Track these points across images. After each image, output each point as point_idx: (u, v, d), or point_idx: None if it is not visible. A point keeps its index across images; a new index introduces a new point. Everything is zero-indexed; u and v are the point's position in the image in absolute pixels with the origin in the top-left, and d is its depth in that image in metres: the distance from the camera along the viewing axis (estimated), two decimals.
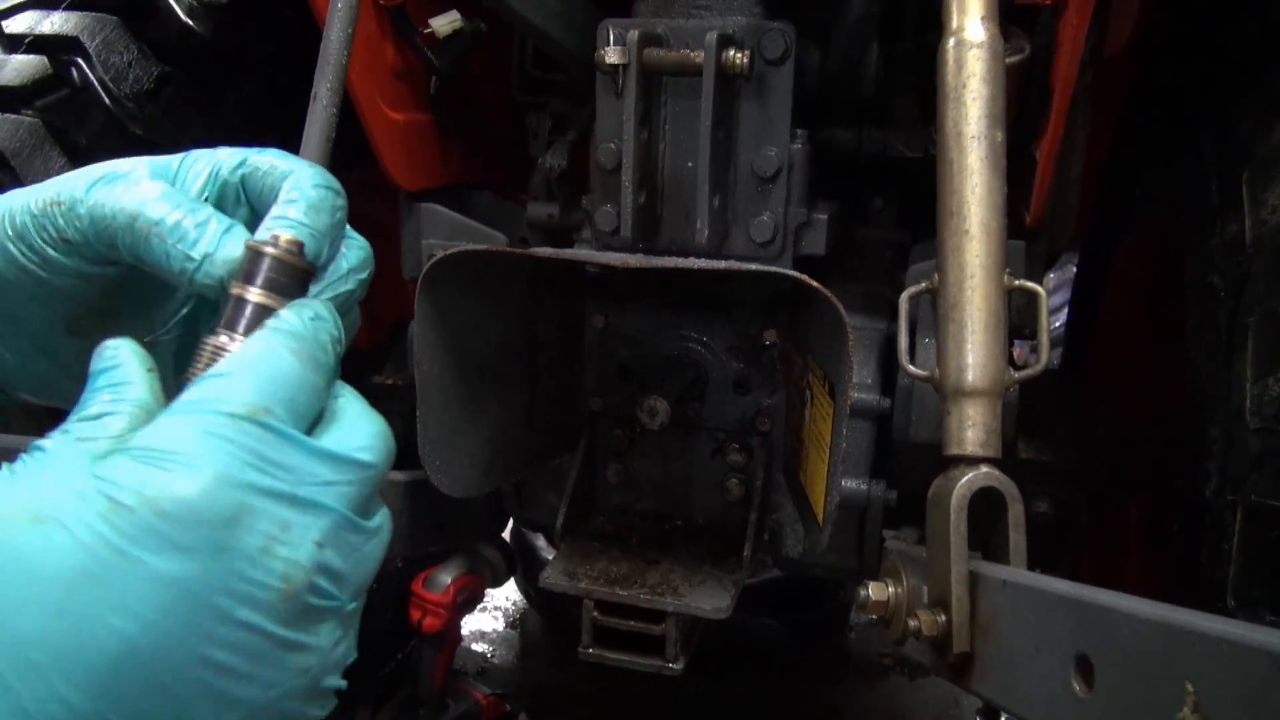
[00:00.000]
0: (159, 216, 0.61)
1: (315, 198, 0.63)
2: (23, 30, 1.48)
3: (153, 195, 0.62)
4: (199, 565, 0.48)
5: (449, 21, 1.56)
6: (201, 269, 0.60)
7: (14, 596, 0.45)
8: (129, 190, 0.62)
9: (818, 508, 1.28)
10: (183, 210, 0.61)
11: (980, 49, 1.04)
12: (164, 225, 0.61)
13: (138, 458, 0.49)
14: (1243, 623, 0.61)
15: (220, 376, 0.53)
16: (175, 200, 0.62)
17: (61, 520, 0.47)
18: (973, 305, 1.02)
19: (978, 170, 1.03)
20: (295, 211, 0.62)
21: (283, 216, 0.62)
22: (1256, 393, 1.10)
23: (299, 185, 0.64)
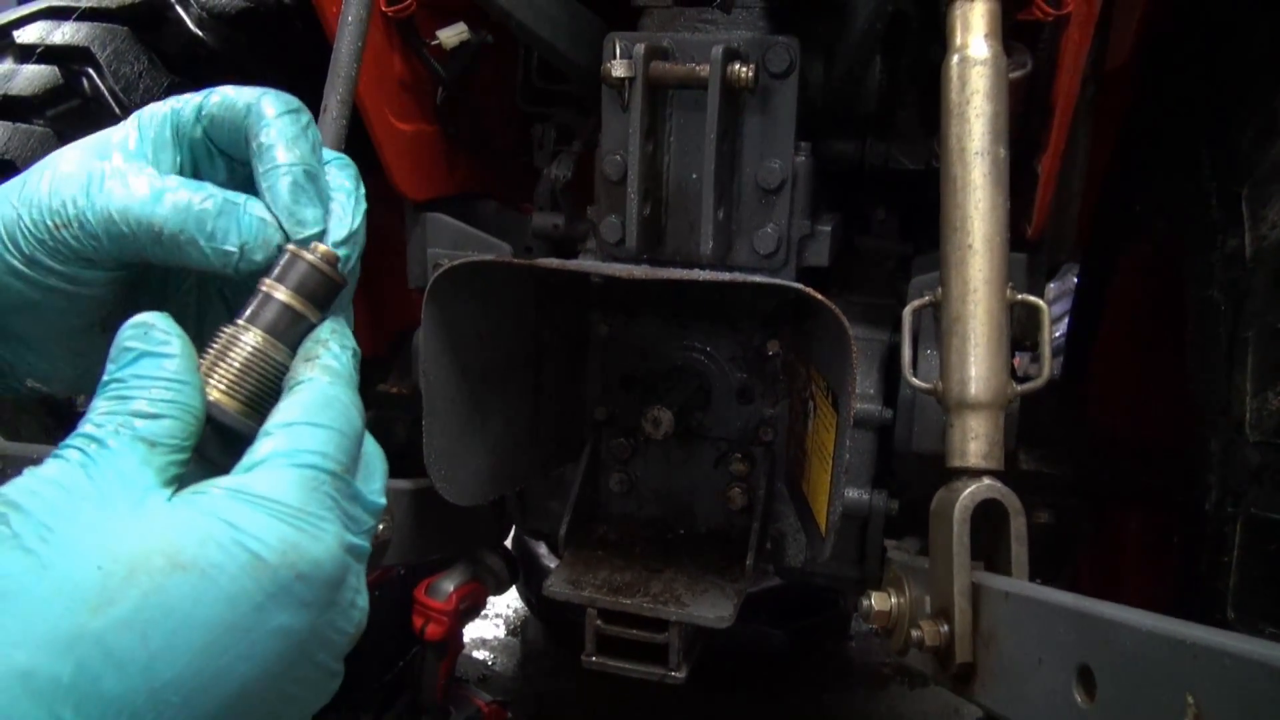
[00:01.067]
0: (181, 225, 0.61)
1: (290, 135, 0.63)
2: (34, 40, 1.49)
3: (160, 202, 0.61)
4: (313, 618, 0.51)
5: (456, 33, 1.58)
6: (244, 259, 0.62)
7: (163, 644, 0.47)
8: (132, 199, 0.61)
9: (820, 517, 1.28)
10: (201, 206, 0.61)
11: (984, 66, 1.05)
12: (191, 231, 0.61)
13: (268, 511, 0.51)
14: (1244, 635, 0.62)
15: (309, 427, 0.55)
16: (185, 199, 0.61)
17: (205, 571, 0.48)
18: (975, 319, 1.03)
19: (981, 186, 1.04)
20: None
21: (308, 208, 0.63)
22: (1256, 406, 1.11)
23: (267, 132, 0.63)
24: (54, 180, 0.63)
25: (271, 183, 0.62)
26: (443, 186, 1.72)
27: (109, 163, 0.63)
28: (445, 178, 1.73)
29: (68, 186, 0.62)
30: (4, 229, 0.63)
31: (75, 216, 0.61)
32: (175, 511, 0.49)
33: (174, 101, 0.66)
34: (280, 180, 0.62)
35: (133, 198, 0.61)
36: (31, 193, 0.63)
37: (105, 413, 0.52)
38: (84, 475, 0.49)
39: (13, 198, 0.64)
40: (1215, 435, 1.20)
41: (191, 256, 0.62)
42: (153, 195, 0.61)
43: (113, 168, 0.62)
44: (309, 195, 0.63)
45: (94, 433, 0.51)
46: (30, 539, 0.46)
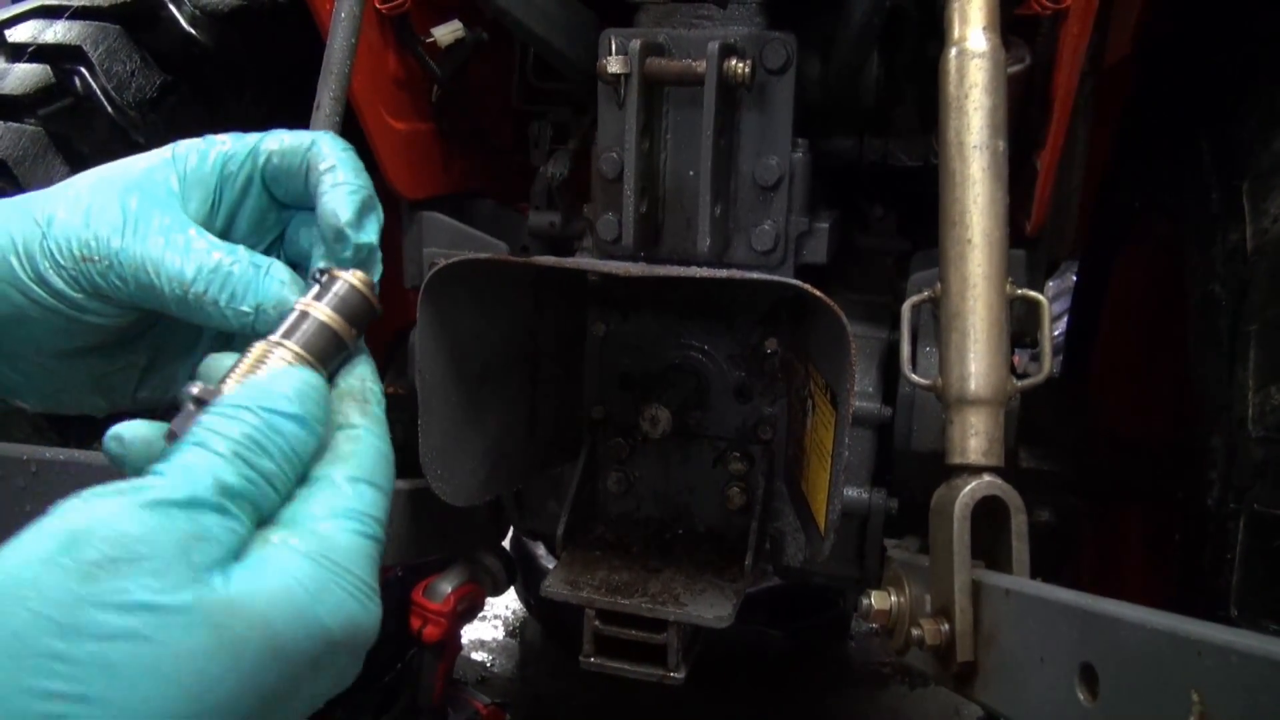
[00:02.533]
0: (207, 287, 0.62)
1: (355, 165, 0.66)
2: (26, 39, 1.48)
3: (192, 258, 0.62)
4: (341, 677, 0.54)
5: (451, 30, 1.57)
6: (258, 320, 0.63)
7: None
8: (166, 252, 0.62)
9: (819, 516, 1.27)
10: (223, 273, 0.62)
11: (982, 59, 1.05)
12: (215, 293, 0.62)
13: (342, 584, 0.52)
14: (1250, 632, 0.61)
15: (370, 488, 0.56)
16: (213, 260, 0.62)
17: (284, 647, 0.49)
18: (975, 314, 1.02)
19: (980, 180, 1.03)
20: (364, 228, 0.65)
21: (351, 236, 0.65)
22: (1259, 401, 1.10)
23: (332, 159, 0.66)
24: (90, 210, 0.63)
25: (336, 196, 0.64)
26: (438, 185, 1.71)
27: (151, 207, 0.63)
28: (441, 176, 1.72)
29: (104, 221, 0.62)
30: (21, 242, 0.62)
31: (108, 255, 0.62)
32: (261, 579, 0.49)
33: (220, 144, 0.68)
34: (349, 195, 0.64)
35: (171, 254, 0.62)
36: (62, 215, 0.63)
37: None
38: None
39: (35, 213, 0.63)
40: (1217, 431, 1.19)
41: (210, 316, 0.63)
42: (189, 254, 0.62)
43: (154, 214, 0.63)
44: (373, 215, 0.66)
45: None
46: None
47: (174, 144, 0.68)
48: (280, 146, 0.67)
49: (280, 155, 0.67)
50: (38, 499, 1.01)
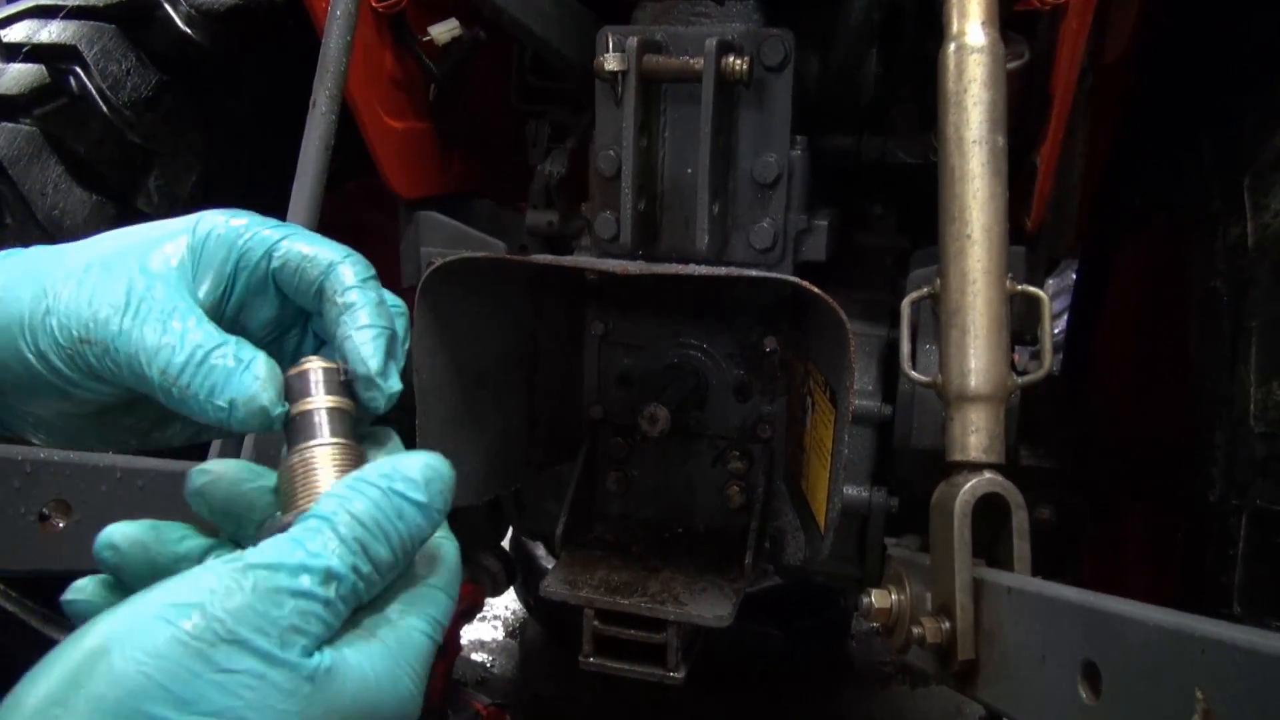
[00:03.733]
0: (189, 380, 0.60)
1: (374, 300, 0.65)
2: (21, 39, 1.48)
3: (183, 346, 0.60)
4: None
5: (448, 29, 1.56)
6: (231, 416, 0.61)
7: None
8: (161, 339, 0.60)
9: (819, 515, 1.27)
10: (206, 365, 0.60)
11: (981, 54, 1.04)
12: (193, 387, 0.60)
13: (396, 687, 0.52)
14: (1254, 629, 0.61)
15: (444, 594, 0.57)
16: (200, 354, 0.60)
17: None
18: (975, 310, 1.01)
19: (979, 175, 1.02)
20: (371, 351, 0.64)
21: (362, 360, 0.63)
22: (1260, 398, 1.10)
23: (351, 294, 0.64)
24: (96, 289, 0.62)
25: (362, 342, 0.63)
26: (436, 184, 1.71)
27: (155, 290, 0.62)
28: (438, 176, 1.72)
29: (106, 302, 0.61)
30: (27, 317, 0.62)
31: (105, 340, 0.60)
32: (348, 668, 0.50)
33: (242, 228, 0.66)
34: (372, 342, 0.63)
35: (166, 341, 0.61)
36: (69, 292, 0.62)
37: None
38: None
39: (46, 283, 0.62)
40: (1219, 428, 1.19)
41: (193, 409, 0.61)
42: (182, 344, 0.60)
43: (157, 298, 0.62)
44: (393, 364, 0.64)
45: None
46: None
47: (200, 215, 0.67)
48: (297, 258, 0.65)
49: (294, 268, 0.65)
50: (33, 500, 1.01)
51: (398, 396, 0.65)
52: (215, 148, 1.56)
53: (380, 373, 0.63)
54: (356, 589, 0.51)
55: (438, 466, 0.56)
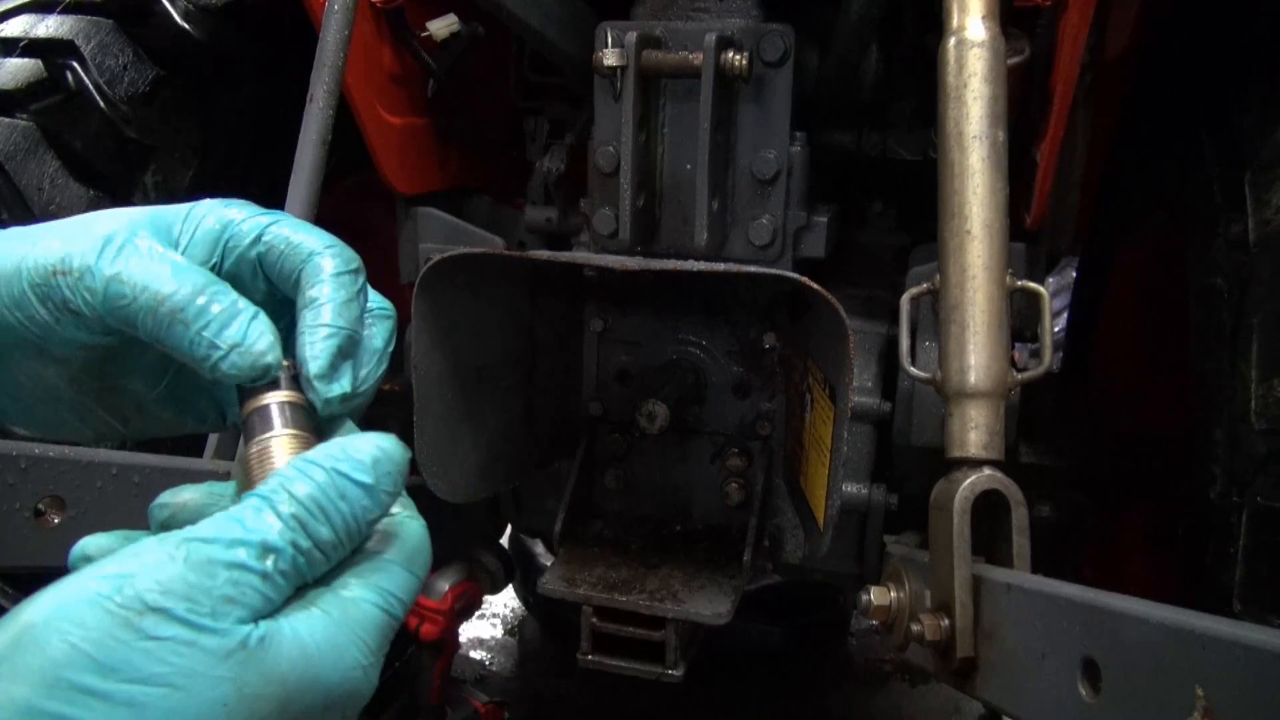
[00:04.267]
0: (184, 302, 0.59)
1: (343, 298, 0.63)
2: (17, 34, 1.47)
3: (173, 277, 0.59)
4: None
5: (446, 25, 1.56)
6: (226, 362, 0.60)
7: None
8: (146, 267, 0.59)
9: (818, 512, 1.27)
10: (208, 295, 0.59)
11: (981, 48, 1.04)
12: (189, 312, 0.59)
13: (351, 658, 0.53)
14: (1256, 626, 0.60)
15: (404, 570, 0.56)
16: (199, 283, 0.59)
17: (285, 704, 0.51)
18: (975, 306, 1.01)
19: (979, 170, 1.02)
20: (324, 336, 0.62)
21: (315, 344, 0.62)
22: (1261, 394, 1.09)
23: (321, 288, 0.62)
24: (76, 232, 0.61)
25: (313, 340, 0.61)
26: (434, 181, 1.70)
27: (140, 234, 0.61)
28: (436, 172, 1.71)
29: (86, 239, 0.60)
30: (9, 266, 0.61)
31: (81, 269, 0.59)
32: (287, 640, 0.50)
33: (235, 212, 0.65)
34: (323, 342, 0.61)
35: (151, 268, 0.59)
36: (49, 238, 0.61)
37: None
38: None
39: (31, 237, 0.62)
40: (1220, 424, 1.18)
41: (177, 339, 0.59)
42: (174, 273, 0.59)
43: (142, 239, 0.61)
44: (345, 366, 0.63)
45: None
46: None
47: (198, 201, 0.66)
48: (282, 243, 0.64)
49: (279, 254, 0.64)
50: (28, 496, 1.00)
51: (342, 401, 0.62)
52: (212, 143, 1.56)
53: (321, 375, 0.61)
54: (297, 563, 0.50)
55: (388, 448, 0.55)
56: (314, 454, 0.54)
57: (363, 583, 0.54)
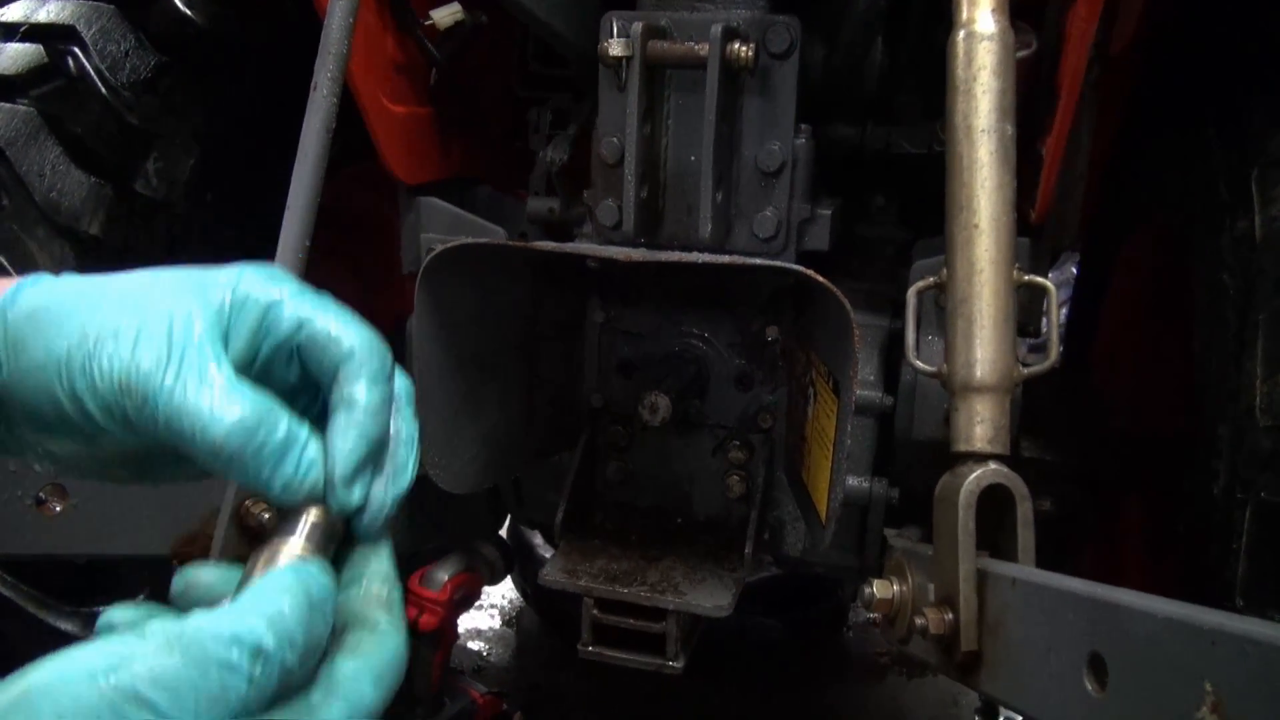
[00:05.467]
0: (240, 444, 0.60)
1: (376, 402, 0.64)
2: (18, 19, 1.46)
3: (230, 413, 0.60)
4: None
5: (450, 13, 1.55)
6: (280, 493, 0.62)
7: None
8: (204, 399, 0.60)
9: (820, 505, 1.26)
10: (264, 432, 0.61)
11: (991, 41, 1.03)
12: (245, 452, 0.60)
13: None
14: (1266, 621, 0.60)
15: (374, 687, 0.59)
16: (253, 417, 0.61)
17: None
18: (982, 300, 1.01)
19: (988, 164, 1.02)
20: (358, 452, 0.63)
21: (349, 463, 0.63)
22: (1266, 390, 1.09)
23: (357, 388, 0.64)
24: (139, 335, 0.61)
25: (342, 445, 0.63)
26: (437, 170, 1.69)
27: (192, 341, 0.62)
28: (439, 161, 1.70)
29: (149, 352, 0.61)
30: (65, 359, 0.61)
31: (145, 392, 0.60)
32: None
33: (278, 291, 0.66)
34: (350, 446, 0.63)
35: (208, 405, 0.60)
36: (110, 338, 0.61)
37: None
38: None
39: (88, 321, 0.62)
40: (1224, 421, 1.18)
41: (234, 472, 0.61)
42: (226, 408, 0.60)
43: (195, 351, 0.61)
44: (367, 474, 0.65)
45: None
46: None
47: (241, 272, 0.66)
48: (323, 337, 0.65)
49: (319, 348, 0.65)
50: (30, 484, 1.00)
51: (355, 510, 0.64)
52: (214, 130, 1.55)
53: (344, 479, 0.62)
54: (281, 670, 0.52)
55: (310, 580, 0.57)
56: (300, 568, 0.56)
57: (328, 697, 0.56)
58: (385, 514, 0.66)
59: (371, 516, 0.65)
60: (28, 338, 0.62)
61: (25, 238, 1.35)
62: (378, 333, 0.67)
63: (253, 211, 1.64)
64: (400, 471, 0.67)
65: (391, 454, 0.67)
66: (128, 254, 1.44)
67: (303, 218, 1.21)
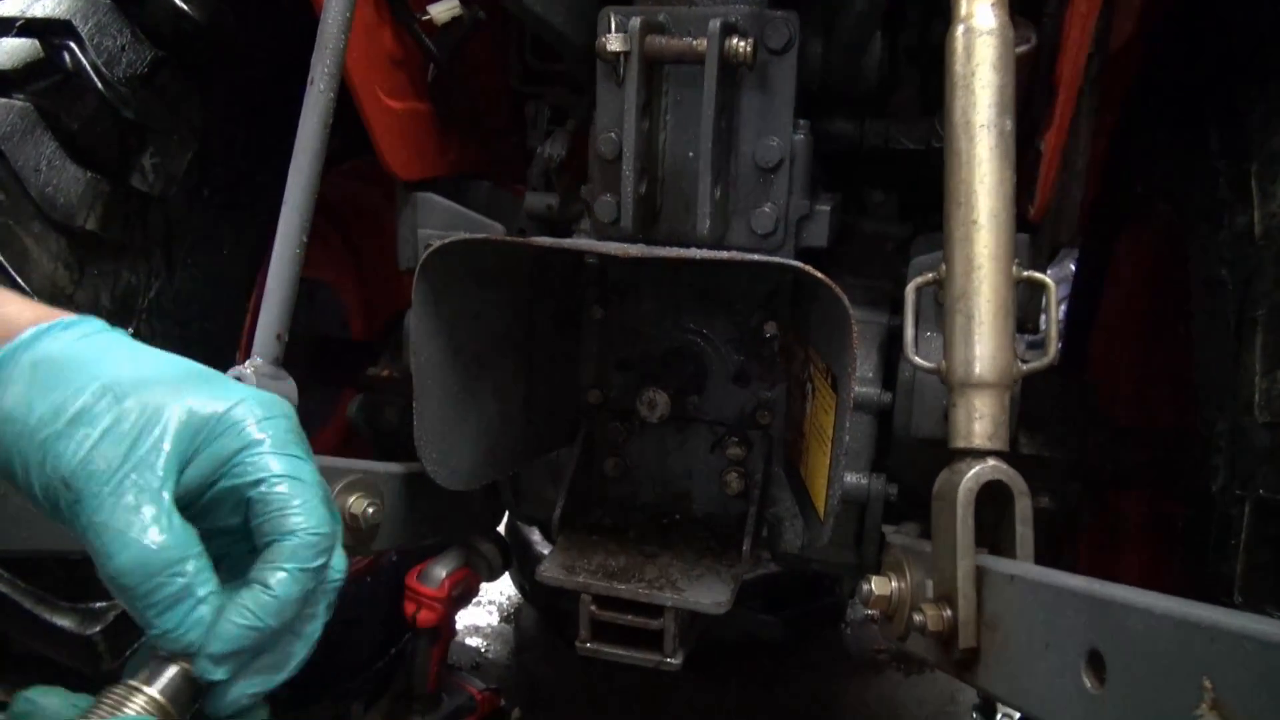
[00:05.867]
0: (136, 583, 0.62)
1: (289, 595, 0.66)
2: (14, 13, 1.45)
3: (139, 556, 0.62)
4: None
5: (447, 8, 1.54)
6: (158, 638, 0.64)
7: None
8: (127, 531, 0.62)
9: (819, 501, 1.26)
10: (166, 576, 0.62)
11: (990, 36, 1.03)
12: (138, 591, 0.62)
13: None
14: (1265, 618, 0.60)
15: None
16: (158, 563, 0.62)
17: None
18: (981, 296, 1.01)
19: (987, 159, 1.01)
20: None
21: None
22: (1265, 387, 1.09)
23: (275, 575, 0.66)
24: (95, 445, 0.63)
25: (228, 624, 0.65)
26: (434, 166, 1.69)
27: (137, 468, 0.63)
28: (437, 157, 1.70)
29: (103, 457, 0.62)
30: (39, 421, 0.63)
31: (79, 494, 0.62)
32: None
33: (261, 434, 0.67)
34: (236, 632, 0.65)
35: (123, 533, 0.62)
36: (87, 421, 0.63)
37: None
38: None
39: (69, 398, 0.64)
40: (1223, 417, 1.18)
41: (123, 602, 0.64)
42: (140, 543, 0.62)
43: (136, 478, 0.63)
44: (244, 659, 0.66)
45: None
46: None
47: (250, 397, 0.67)
48: (276, 503, 0.66)
49: (267, 512, 0.66)
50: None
51: (215, 685, 0.65)
52: (211, 125, 1.54)
53: (212, 658, 0.64)
54: None
55: None
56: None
57: None
58: (242, 704, 0.66)
59: (229, 700, 0.66)
60: (17, 382, 0.64)
61: (21, 233, 1.34)
62: (336, 519, 0.68)
63: (250, 206, 1.63)
64: (279, 666, 0.67)
65: (283, 645, 0.67)
66: (124, 250, 1.43)
67: (300, 213, 1.20)
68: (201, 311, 1.58)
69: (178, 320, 1.52)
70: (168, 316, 1.50)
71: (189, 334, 1.53)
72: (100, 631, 1.42)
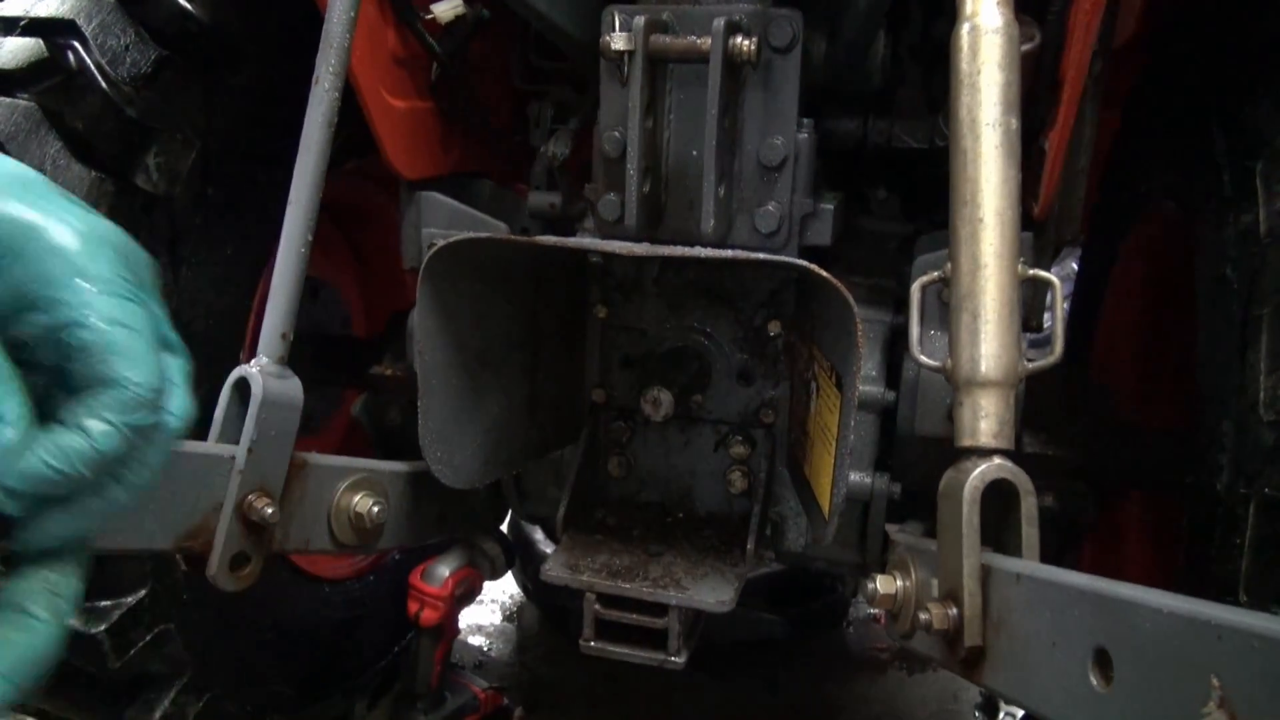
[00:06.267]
0: None
1: (107, 447, 0.60)
2: (18, 13, 1.45)
3: None
4: None
5: (451, 7, 1.54)
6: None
7: None
8: None
9: (823, 500, 1.26)
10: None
11: (995, 34, 1.03)
12: None
13: None
14: (1273, 616, 0.60)
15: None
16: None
17: None
18: (986, 294, 1.01)
19: (992, 158, 1.01)
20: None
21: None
22: (1270, 385, 1.09)
23: (94, 423, 0.59)
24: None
25: (34, 459, 0.58)
26: (438, 165, 1.69)
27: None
28: (440, 156, 1.70)
29: None
30: None
31: None
32: None
33: (61, 276, 0.60)
34: (40, 468, 0.58)
35: None
36: None
37: None
38: None
39: None
40: (1228, 415, 1.18)
41: None
42: None
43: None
44: (50, 504, 0.61)
45: None
46: None
47: (57, 205, 0.60)
48: (91, 350, 0.59)
49: (86, 356, 0.59)
50: None
51: (13, 522, 0.59)
52: (215, 125, 1.54)
53: (7, 491, 0.56)
54: None
55: None
56: None
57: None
58: (48, 544, 0.60)
59: (34, 539, 0.59)
60: None
61: None
62: (175, 368, 0.62)
63: (255, 205, 1.63)
64: (95, 512, 0.60)
65: (104, 491, 0.60)
66: None
67: (305, 212, 1.20)
68: (206, 310, 1.58)
69: (182, 319, 1.52)
70: (172, 315, 1.50)
71: (193, 333, 1.53)
72: (105, 630, 1.42)
